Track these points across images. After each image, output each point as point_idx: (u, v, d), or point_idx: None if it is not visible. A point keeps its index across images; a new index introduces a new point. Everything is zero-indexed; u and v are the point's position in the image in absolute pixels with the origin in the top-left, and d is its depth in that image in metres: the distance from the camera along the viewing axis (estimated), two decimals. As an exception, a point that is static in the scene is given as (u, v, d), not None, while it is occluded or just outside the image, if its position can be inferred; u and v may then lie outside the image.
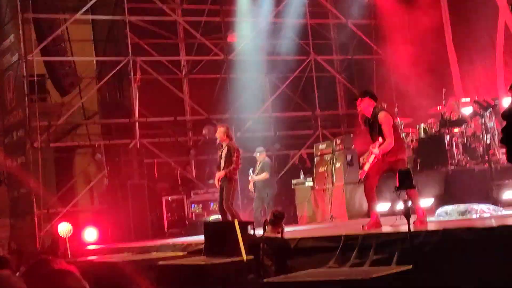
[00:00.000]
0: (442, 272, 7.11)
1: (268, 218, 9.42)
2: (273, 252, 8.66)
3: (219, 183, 12.60)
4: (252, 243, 8.97)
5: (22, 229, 17.48)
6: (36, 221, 16.53)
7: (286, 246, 8.83)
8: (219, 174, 12.61)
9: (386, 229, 9.44)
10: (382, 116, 10.03)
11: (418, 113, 15.80)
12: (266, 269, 8.57)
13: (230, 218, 12.24)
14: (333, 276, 7.19)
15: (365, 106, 10.22)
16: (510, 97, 8.89)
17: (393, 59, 19.31)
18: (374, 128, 10.04)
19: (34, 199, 16.60)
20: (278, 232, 9.09)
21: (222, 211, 12.66)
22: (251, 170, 15.57)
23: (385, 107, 10.63)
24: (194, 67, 20.55)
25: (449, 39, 17.80)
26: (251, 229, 9.21)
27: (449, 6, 17.73)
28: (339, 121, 21.17)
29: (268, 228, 9.05)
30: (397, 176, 7.35)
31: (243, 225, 9.69)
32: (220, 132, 12.82)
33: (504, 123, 5.18)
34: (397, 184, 7.34)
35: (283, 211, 9.50)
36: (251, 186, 15.52)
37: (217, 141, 12.99)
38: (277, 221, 9.05)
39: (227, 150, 12.71)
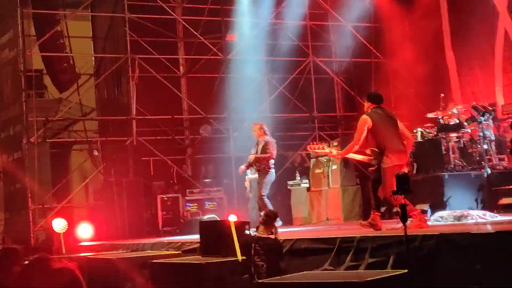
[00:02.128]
0: (438, 276, 7.11)
1: (261, 218, 9.39)
2: (264, 253, 8.61)
3: (254, 172, 13.33)
4: (244, 243, 8.94)
5: (17, 224, 17.48)
6: (30, 216, 16.51)
7: (278, 247, 8.75)
8: (251, 157, 13.26)
9: (382, 232, 9.43)
10: (360, 118, 9.92)
11: (416, 117, 15.80)
12: (257, 269, 8.54)
13: (261, 208, 12.79)
14: (328, 279, 7.17)
15: (365, 109, 10.19)
16: None
17: (392, 63, 19.34)
18: None
19: (30, 194, 16.59)
20: (271, 233, 9.05)
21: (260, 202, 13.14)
22: (248, 170, 15.54)
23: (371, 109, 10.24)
24: (193, 66, 20.54)
25: (448, 44, 17.82)
26: (247, 229, 9.17)
27: (449, 11, 17.75)
28: (336, 123, 21.20)
29: (260, 228, 9.02)
30: (394, 181, 7.33)
31: (239, 225, 9.68)
32: (256, 129, 13.42)
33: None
34: (394, 188, 7.32)
35: (276, 211, 9.46)
36: (247, 184, 15.50)
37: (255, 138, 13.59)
38: (269, 221, 9.00)
39: (263, 145, 13.23)
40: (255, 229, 9.16)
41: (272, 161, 13.27)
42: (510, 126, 5.73)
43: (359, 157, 10.22)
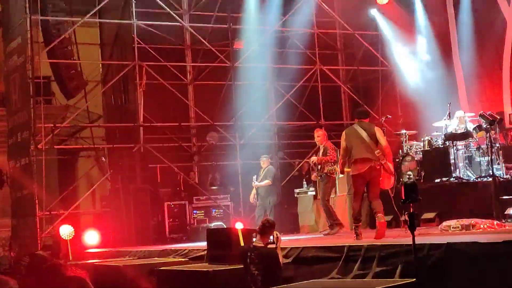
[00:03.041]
0: (445, 286, 7.09)
1: (257, 227, 9.33)
2: (259, 262, 8.57)
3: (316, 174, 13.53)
4: (240, 252, 8.92)
5: (24, 230, 17.49)
6: (37, 223, 16.53)
7: (273, 257, 8.68)
8: (313, 159, 13.66)
9: (390, 241, 9.43)
10: None
11: (423, 126, 15.80)
12: (253, 278, 8.51)
13: (324, 213, 13.29)
14: (335, 287, 7.17)
15: None
16: None
17: (399, 71, 19.35)
18: None
19: (37, 201, 16.60)
20: (271, 242, 8.98)
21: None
22: (254, 177, 15.56)
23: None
24: (200, 73, 20.58)
25: (455, 52, 17.81)
26: (254, 237, 9.16)
27: (456, 19, 17.74)
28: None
29: (257, 237, 8.98)
30: (402, 189, 7.34)
31: (246, 233, 9.69)
32: (319, 135, 13.72)
33: None
34: (403, 197, 7.31)
35: (272, 220, 9.40)
36: (253, 193, 15.52)
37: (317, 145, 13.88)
38: (266, 230, 8.94)
39: (324, 150, 13.53)
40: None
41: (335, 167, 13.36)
42: None
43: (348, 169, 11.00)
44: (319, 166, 13.48)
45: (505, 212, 11.84)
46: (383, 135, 10.98)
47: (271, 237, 8.95)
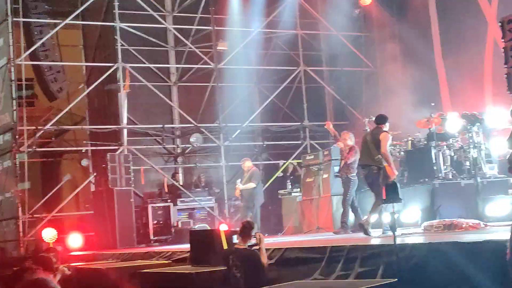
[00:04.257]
0: (427, 285, 7.11)
1: (238, 229, 9.30)
2: (241, 264, 8.55)
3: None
4: (223, 254, 8.90)
5: (6, 234, 17.38)
6: (20, 226, 16.43)
7: (254, 258, 8.66)
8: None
9: (372, 241, 9.44)
10: None
11: (406, 126, 15.82)
12: (236, 280, 8.49)
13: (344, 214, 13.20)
14: (318, 288, 7.18)
15: None
16: None
17: (383, 71, 19.39)
18: None
19: (19, 204, 16.51)
20: (256, 244, 8.94)
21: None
22: (238, 180, 15.54)
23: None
24: (184, 74, 20.54)
25: (438, 53, 17.87)
26: (237, 238, 9.14)
27: (439, 20, 17.80)
28: (327, 132, 21.17)
29: (238, 239, 8.96)
30: (384, 190, 7.36)
31: (230, 234, 9.67)
32: (347, 137, 13.64)
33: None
34: (384, 197, 7.33)
35: (252, 222, 9.37)
36: (237, 193, 15.50)
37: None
38: (246, 231, 8.92)
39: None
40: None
41: (354, 168, 13.27)
42: (507, 143, 5.70)
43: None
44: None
45: (487, 212, 11.87)
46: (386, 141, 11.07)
47: (254, 239, 8.93)
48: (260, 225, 14.76)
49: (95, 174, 18.15)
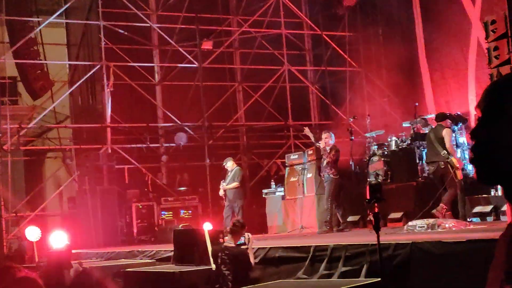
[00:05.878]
0: (410, 284, 7.14)
1: (228, 227, 9.34)
2: (230, 262, 8.57)
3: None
4: (213, 252, 8.91)
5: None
6: (3, 225, 16.34)
7: (243, 257, 8.69)
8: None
9: (355, 240, 9.46)
10: None
11: (390, 126, 15.88)
12: (224, 279, 8.50)
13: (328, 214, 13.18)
14: None
15: None
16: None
17: (367, 71, 19.45)
18: None
19: (2, 203, 16.41)
20: (244, 243, 8.97)
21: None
22: (222, 181, 15.53)
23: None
24: (168, 73, 20.51)
25: (422, 53, 17.94)
26: (222, 237, 9.15)
27: (423, 20, 17.87)
28: (312, 131, 21.21)
29: (228, 237, 8.99)
30: (367, 189, 7.36)
31: (213, 233, 9.66)
32: (327, 137, 13.58)
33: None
34: (367, 197, 7.34)
35: (243, 221, 9.41)
36: (221, 193, 15.49)
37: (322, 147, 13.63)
38: (237, 230, 8.96)
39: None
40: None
41: (337, 167, 13.25)
42: (470, 135, 5.75)
43: None
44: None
45: (471, 211, 11.94)
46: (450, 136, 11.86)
47: (243, 238, 8.96)
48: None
49: (78, 172, 18.08)
